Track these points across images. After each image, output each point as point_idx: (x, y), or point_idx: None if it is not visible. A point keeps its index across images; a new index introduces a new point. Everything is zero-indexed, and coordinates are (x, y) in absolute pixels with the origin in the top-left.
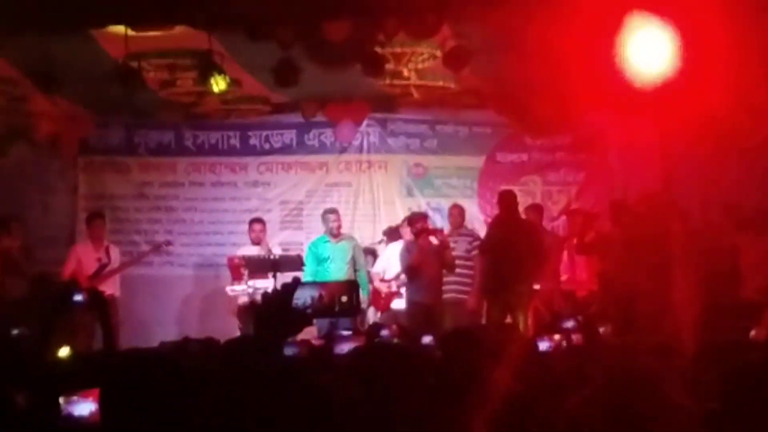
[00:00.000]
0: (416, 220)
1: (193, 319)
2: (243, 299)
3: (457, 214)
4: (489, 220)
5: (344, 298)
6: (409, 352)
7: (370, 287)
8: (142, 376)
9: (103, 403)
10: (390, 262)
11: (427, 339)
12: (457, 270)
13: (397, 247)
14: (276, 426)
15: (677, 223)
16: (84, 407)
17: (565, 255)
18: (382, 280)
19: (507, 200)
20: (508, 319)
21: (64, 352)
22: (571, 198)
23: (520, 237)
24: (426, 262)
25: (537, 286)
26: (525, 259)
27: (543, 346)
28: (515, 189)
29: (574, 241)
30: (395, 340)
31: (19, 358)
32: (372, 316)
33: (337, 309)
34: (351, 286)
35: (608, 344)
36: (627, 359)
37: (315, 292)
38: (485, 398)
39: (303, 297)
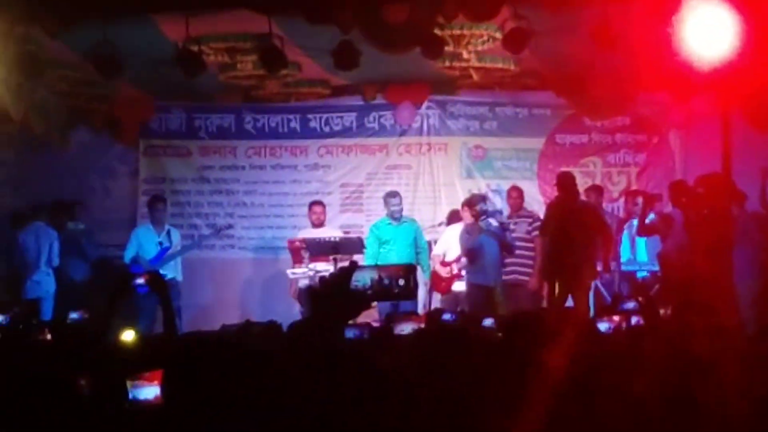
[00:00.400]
0: (475, 201)
1: (253, 302)
2: (304, 282)
3: (516, 196)
4: (549, 201)
5: (402, 282)
6: (470, 335)
7: (432, 270)
8: (204, 359)
9: (166, 385)
10: (450, 244)
11: (488, 322)
12: (518, 252)
13: (457, 229)
14: (337, 407)
15: (736, 204)
16: (149, 391)
17: (625, 236)
18: (443, 263)
19: (566, 182)
20: (569, 302)
21: (128, 336)
22: (631, 179)
23: (580, 219)
24: (486, 244)
25: (598, 268)
26: (584, 241)
27: (603, 327)
28: (575, 171)
29: (635, 222)
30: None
31: (81, 342)
32: (433, 299)
33: (396, 291)
34: (409, 270)
35: (668, 326)
36: (685, 342)
37: (374, 275)
38: (544, 380)
39: (362, 279)
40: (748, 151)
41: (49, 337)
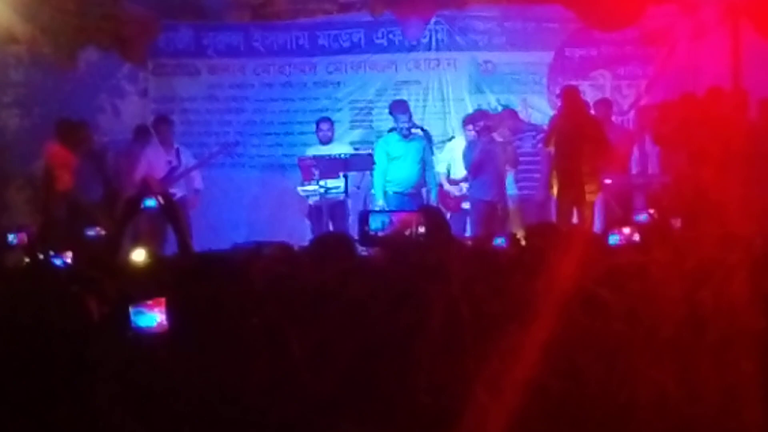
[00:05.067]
0: (478, 117)
1: (264, 219)
2: (314, 199)
3: (508, 117)
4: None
5: (422, 229)
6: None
7: (438, 187)
8: (214, 283)
9: (173, 312)
10: (453, 159)
11: (499, 240)
12: (524, 167)
13: (459, 144)
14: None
15: (745, 115)
16: (150, 318)
17: (636, 149)
18: (451, 182)
19: (570, 95)
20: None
21: (138, 255)
22: (641, 92)
23: (584, 132)
24: (489, 159)
25: (608, 181)
26: (590, 154)
27: (613, 240)
28: (584, 84)
29: (645, 135)
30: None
31: (95, 259)
32: None
33: (415, 238)
34: (429, 215)
35: (677, 236)
36: (694, 251)
37: (394, 219)
38: (554, 293)
39: (383, 224)
40: (757, 61)
41: (70, 260)
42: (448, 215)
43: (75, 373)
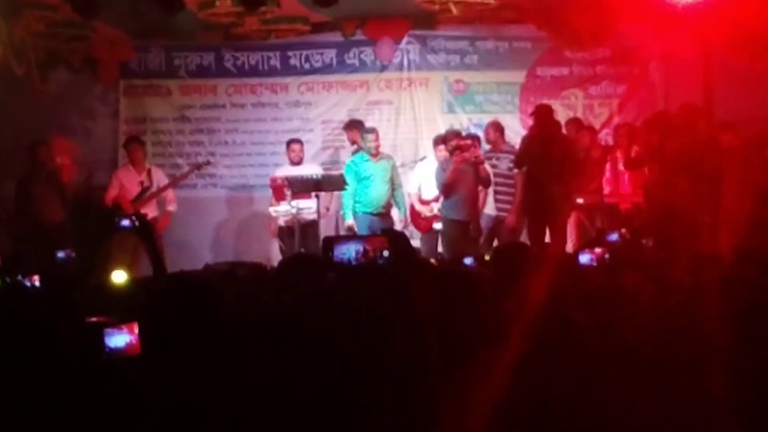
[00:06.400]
0: (450, 137)
1: (235, 240)
2: (286, 219)
3: (494, 131)
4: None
5: (386, 253)
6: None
7: (408, 206)
8: (187, 306)
9: (147, 332)
10: (423, 180)
11: (468, 260)
12: (498, 188)
13: (430, 165)
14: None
15: (716, 134)
16: (120, 338)
17: (608, 168)
18: (423, 202)
19: (542, 114)
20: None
21: (119, 277)
22: (613, 111)
23: (555, 152)
24: (461, 179)
25: (580, 200)
26: (560, 174)
27: (585, 259)
28: (556, 103)
29: (618, 154)
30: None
31: (67, 282)
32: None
33: (380, 262)
34: (393, 238)
35: (648, 257)
36: (666, 271)
37: (359, 247)
38: (524, 313)
39: (348, 252)
40: (728, 81)
41: (38, 283)
42: (420, 235)
43: (48, 395)
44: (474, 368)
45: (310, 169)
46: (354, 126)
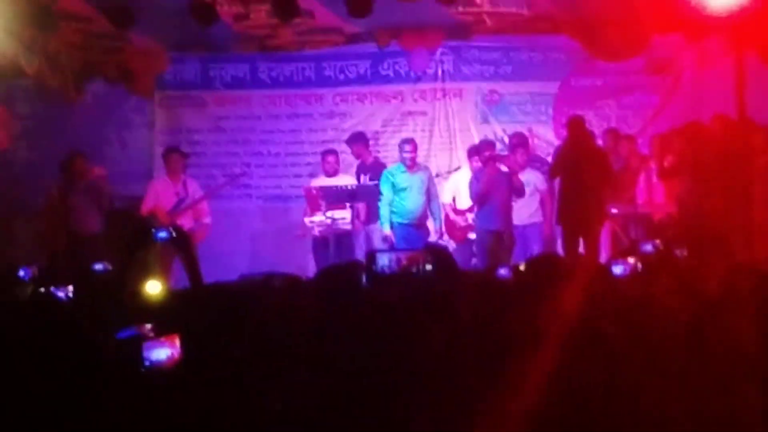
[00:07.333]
0: (484, 147)
1: (270, 250)
2: (321, 230)
3: (517, 143)
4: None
5: (429, 266)
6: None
7: (443, 217)
8: (226, 316)
9: (186, 345)
10: (458, 190)
11: (503, 271)
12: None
13: (464, 175)
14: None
15: (750, 144)
16: (161, 352)
17: (642, 178)
18: (457, 212)
19: (575, 126)
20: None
21: (153, 287)
22: (647, 121)
23: (590, 163)
24: (495, 189)
25: (615, 210)
26: (594, 185)
27: (618, 270)
28: (590, 113)
29: (651, 164)
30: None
31: (102, 293)
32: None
33: (422, 275)
34: (436, 253)
35: (682, 267)
36: (699, 282)
37: (401, 259)
38: (558, 324)
39: (390, 263)
40: (761, 90)
41: (71, 294)
42: (454, 245)
43: (83, 404)
44: (507, 378)
45: (345, 180)
46: (358, 139)
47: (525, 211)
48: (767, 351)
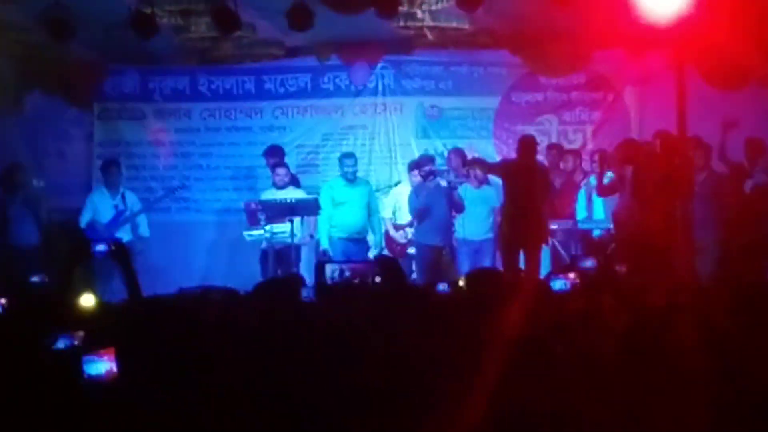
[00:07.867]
0: (424, 162)
1: (210, 264)
2: (264, 245)
3: (454, 158)
4: (503, 158)
5: (378, 279)
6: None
7: (384, 231)
8: (162, 330)
9: (122, 359)
10: (398, 205)
11: (441, 286)
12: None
13: (404, 189)
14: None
15: (690, 161)
16: (100, 366)
17: (582, 194)
18: (396, 227)
19: (527, 146)
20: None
21: (87, 300)
22: (587, 137)
23: (533, 181)
24: (435, 204)
25: (554, 226)
26: (537, 200)
27: (557, 285)
28: (531, 129)
29: (592, 180)
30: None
31: (42, 307)
32: None
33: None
34: (385, 265)
35: (623, 284)
36: (640, 298)
37: (348, 271)
38: (500, 339)
39: (335, 274)
40: (703, 107)
41: (5, 305)
42: None
43: (19, 416)
44: (450, 394)
45: (293, 193)
46: (274, 153)
47: (480, 227)
48: (707, 365)
